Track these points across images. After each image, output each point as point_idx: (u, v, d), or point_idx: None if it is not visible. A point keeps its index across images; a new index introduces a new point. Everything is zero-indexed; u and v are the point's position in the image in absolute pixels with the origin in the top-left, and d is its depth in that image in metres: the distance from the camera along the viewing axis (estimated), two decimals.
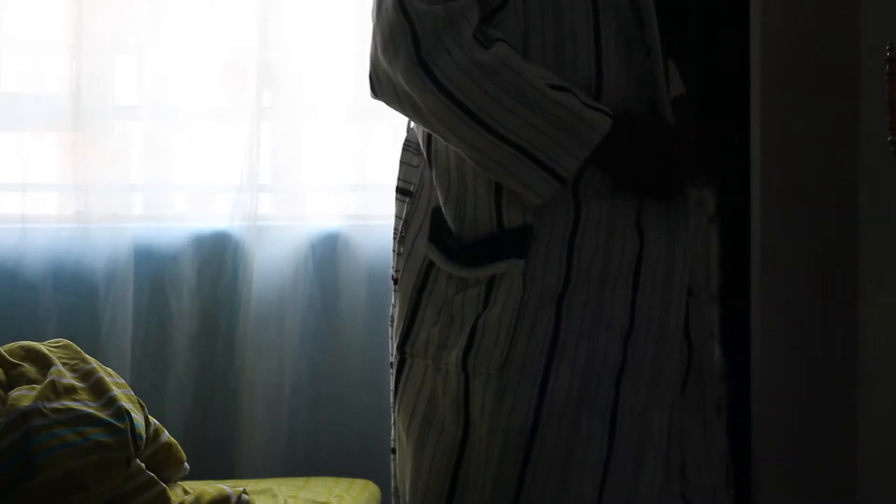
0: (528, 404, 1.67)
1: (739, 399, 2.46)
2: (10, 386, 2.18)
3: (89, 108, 2.92)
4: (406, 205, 1.83)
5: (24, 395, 2.12)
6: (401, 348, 1.78)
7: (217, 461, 2.87)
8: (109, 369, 2.34)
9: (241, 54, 2.99)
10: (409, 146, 1.89)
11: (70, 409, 2.11)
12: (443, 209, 1.75)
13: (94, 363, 2.29)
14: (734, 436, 1.91)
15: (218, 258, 2.95)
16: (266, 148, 2.99)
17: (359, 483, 2.63)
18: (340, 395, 2.96)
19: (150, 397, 2.51)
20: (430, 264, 1.75)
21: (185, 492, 2.32)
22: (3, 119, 2.96)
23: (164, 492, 2.18)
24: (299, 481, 2.62)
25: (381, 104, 1.81)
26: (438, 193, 1.76)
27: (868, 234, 2.29)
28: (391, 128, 2.98)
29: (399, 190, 1.88)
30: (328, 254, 2.97)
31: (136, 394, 2.30)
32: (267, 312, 2.92)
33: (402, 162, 1.90)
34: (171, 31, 2.97)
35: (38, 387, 2.15)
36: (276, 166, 3.00)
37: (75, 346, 2.35)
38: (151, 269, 2.94)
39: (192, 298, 2.93)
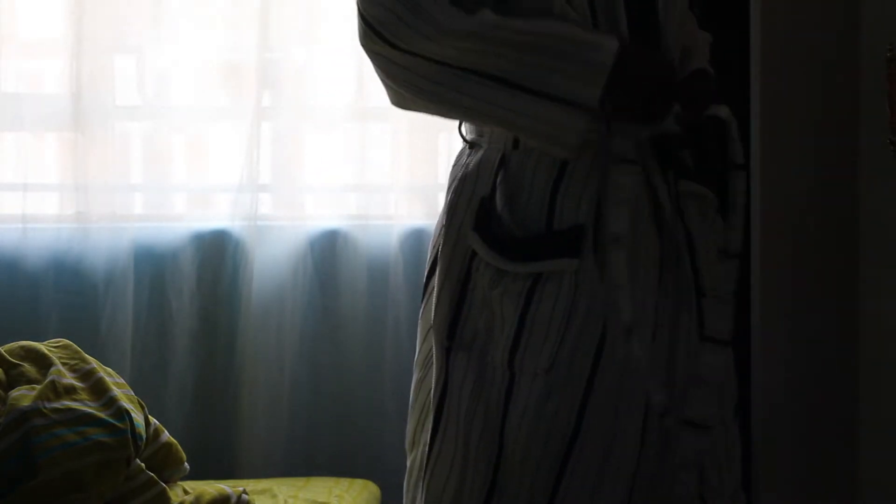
0: (572, 407, 1.65)
1: (739, 399, 2.46)
2: (10, 386, 2.18)
3: (89, 108, 2.92)
4: (451, 192, 1.79)
5: (24, 395, 2.12)
6: (449, 338, 1.72)
7: (217, 461, 2.87)
8: (109, 369, 2.34)
9: (241, 54, 2.99)
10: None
11: (70, 409, 2.11)
12: (496, 197, 1.72)
13: (94, 363, 2.29)
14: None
15: (218, 258, 2.95)
16: (266, 148, 2.99)
17: (359, 483, 2.63)
18: (340, 395, 2.96)
19: (150, 397, 2.51)
20: (473, 254, 1.73)
21: (185, 492, 2.32)
22: (4, 119, 2.96)
23: (164, 492, 2.18)
24: (299, 481, 2.62)
25: (380, 104, 1.79)
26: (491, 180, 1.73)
27: (868, 234, 2.29)
28: (391, 128, 2.98)
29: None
30: (328, 254, 2.98)
31: (136, 394, 2.31)
32: (267, 313, 2.92)
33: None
34: (171, 31, 2.97)
35: (38, 387, 2.15)
36: (276, 166, 3.00)
37: (75, 346, 2.35)
38: (151, 269, 2.94)
39: (192, 298, 2.93)
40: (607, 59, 1.61)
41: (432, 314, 1.76)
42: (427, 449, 1.75)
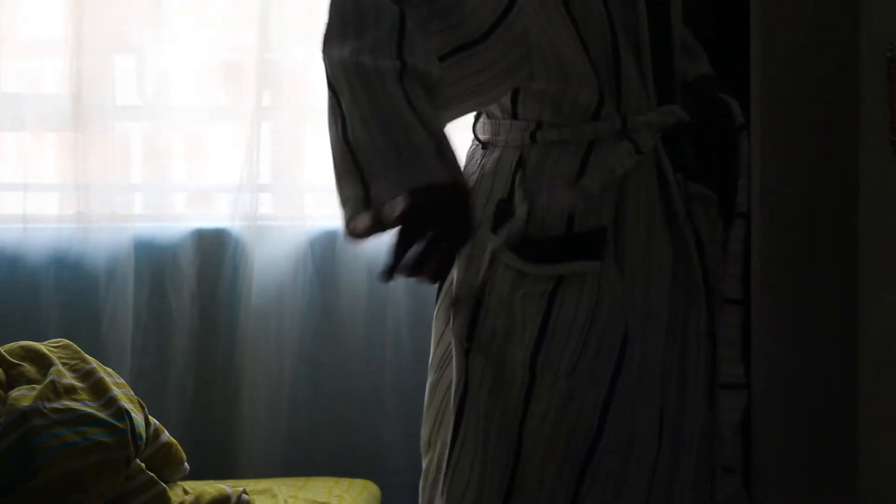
0: (595, 409, 1.65)
1: None
2: (10, 386, 2.18)
3: (89, 108, 2.92)
4: None
5: (24, 395, 2.12)
6: (469, 340, 1.71)
7: (217, 461, 2.87)
8: (109, 369, 2.35)
9: (241, 54, 2.99)
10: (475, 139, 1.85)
11: (70, 409, 2.11)
12: (515, 199, 1.70)
13: (94, 363, 2.30)
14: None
15: (218, 258, 2.95)
16: (266, 148, 3.00)
17: (359, 483, 2.63)
18: (340, 395, 2.96)
19: (150, 397, 2.51)
20: (491, 256, 1.72)
21: (185, 492, 2.32)
22: (4, 119, 2.97)
23: (164, 492, 2.18)
24: (299, 481, 2.62)
25: None
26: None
27: (868, 234, 2.29)
28: None
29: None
30: (328, 253, 2.98)
31: (136, 394, 2.31)
32: (267, 313, 2.92)
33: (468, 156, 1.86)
34: (171, 31, 2.97)
35: (38, 387, 2.15)
36: (276, 166, 3.01)
37: (75, 346, 2.35)
38: (152, 268, 2.94)
39: (192, 298, 2.94)
40: (419, 178, 1.53)
41: (450, 316, 1.76)
42: (448, 451, 1.74)
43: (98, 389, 2.20)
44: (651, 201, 1.71)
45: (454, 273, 1.76)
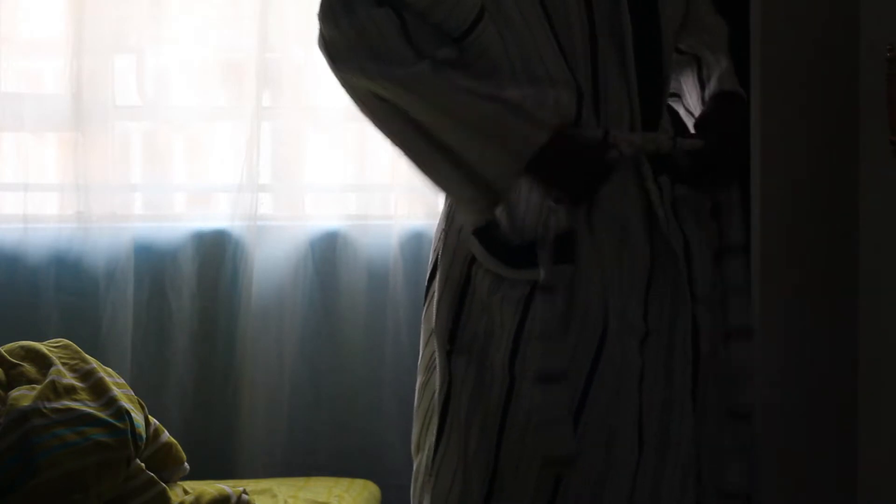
0: (570, 409, 1.66)
1: None
2: (10, 386, 2.18)
3: (89, 108, 2.92)
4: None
5: (24, 395, 2.12)
6: (450, 342, 1.74)
7: (217, 461, 2.87)
8: (109, 369, 2.35)
9: (241, 54, 2.99)
10: None
11: (70, 409, 2.11)
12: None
13: (94, 363, 2.30)
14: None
15: (218, 258, 2.95)
16: (266, 148, 3.00)
17: (359, 483, 2.63)
18: (340, 395, 2.96)
19: (150, 397, 2.51)
20: (473, 259, 1.73)
21: (185, 492, 2.32)
22: (4, 119, 2.96)
23: (164, 492, 2.18)
24: (299, 481, 2.62)
25: None
26: None
27: (868, 234, 2.28)
28: None
29: None
30: (328, 254, 2.98)
31: (136, 394, 2.31)
32: (267, 313, 2.92)
33: None
34: (171, 31, 2.97)
35: (38, 387, 2.15)
36: (276, 166, 3.01)
37: (75, 346, 2.35)
38: (152, 268, 2.94)
39: (192, 298, 2.94)
40: (527, 151, 1.64)
41: (433, 318, 1.76)
42: (432, 453, 1.75)
43: (98, 389, 2.20)
44: (628, 204, 1.71)
45: (437, 276, 1.77)
